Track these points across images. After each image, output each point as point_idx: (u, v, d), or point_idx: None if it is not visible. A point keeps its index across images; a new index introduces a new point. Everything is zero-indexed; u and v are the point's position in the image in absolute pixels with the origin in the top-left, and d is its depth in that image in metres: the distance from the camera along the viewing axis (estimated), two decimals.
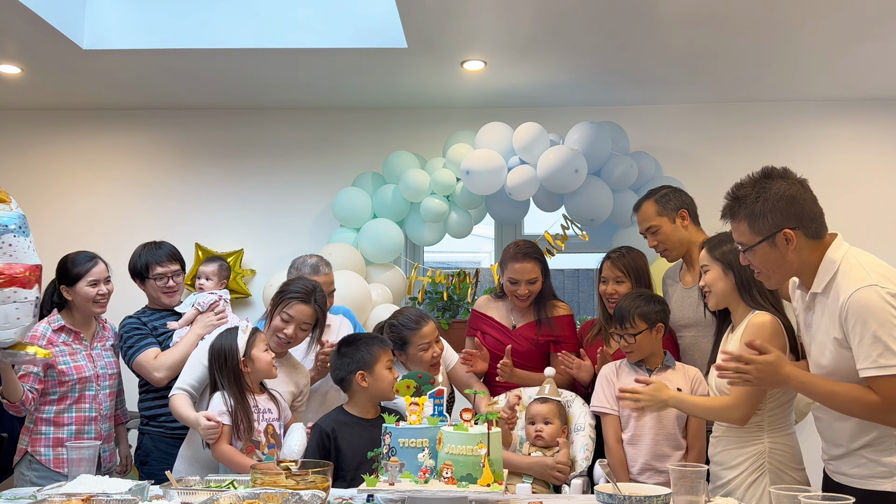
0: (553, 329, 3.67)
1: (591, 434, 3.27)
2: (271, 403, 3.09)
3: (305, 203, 5.26)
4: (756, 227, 2.40)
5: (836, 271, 2.36)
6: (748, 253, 2.45)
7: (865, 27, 3.96)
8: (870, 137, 5.10)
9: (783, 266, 2.42)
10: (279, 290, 3.25)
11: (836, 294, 2.33)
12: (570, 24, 3.94)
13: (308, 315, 3.19)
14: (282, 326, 3.17)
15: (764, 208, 2.37)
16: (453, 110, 5.20)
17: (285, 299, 3.19)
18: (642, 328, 3.14)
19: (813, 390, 2.39)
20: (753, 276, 2.71)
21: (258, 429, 2.98)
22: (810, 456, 2.80)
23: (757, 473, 2.68)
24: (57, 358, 3.33)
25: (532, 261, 3.61)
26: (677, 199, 3.51)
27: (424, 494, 2.42)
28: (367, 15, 4.20)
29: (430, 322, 3.40)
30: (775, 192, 2.37)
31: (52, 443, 3.32)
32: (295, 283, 3.25)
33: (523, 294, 3.63)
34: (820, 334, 2.41)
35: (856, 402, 2.30)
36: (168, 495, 2.46)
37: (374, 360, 3.01)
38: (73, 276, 3.41)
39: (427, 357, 3.36)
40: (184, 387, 3.10)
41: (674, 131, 5.17)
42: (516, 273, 3.61)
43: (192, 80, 4.80)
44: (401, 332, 3.38)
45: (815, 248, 2.40)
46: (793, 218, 2.36)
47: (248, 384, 3.03)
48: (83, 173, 5.35)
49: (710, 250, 2.87)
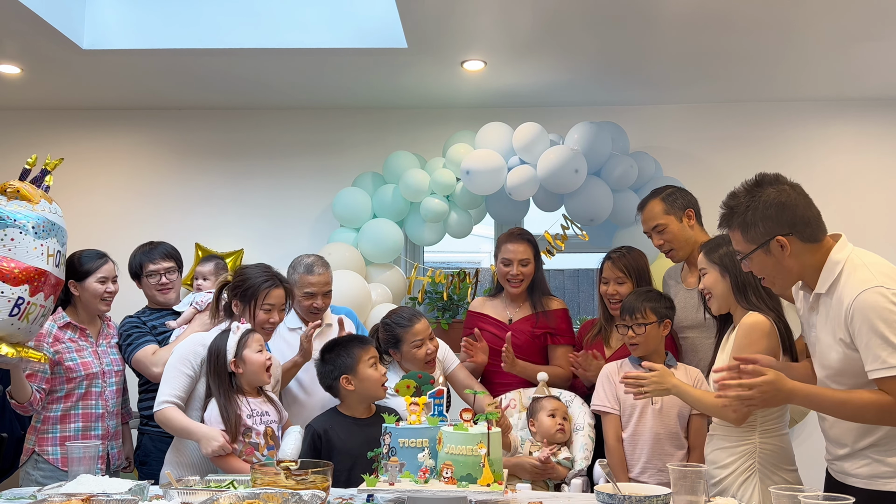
0: (549, 321, 3.69)
1: (590, 434, 3.28)
2: (269, 406, 3.07)
3: (305, 203, 5.26)
4: (749, 236, 2.40)
5: (839, 272, 2.35)
6: (746, 261, 2.45)
7: (865, 27, 3.96)
8: (870, 137, 5.10)
9: (783, 272, 2.41)
10: (243, 288, 3.19)
11: (841, 296, 2.32)
12: (570, 24, 3.94)
13: (283, 296, 3.23)
14: (267, 317, 3.18)
15: (755, 217, 2.37)
16: (453, 110, 5.20)
17: (260, 292, 3.17)
18: (652, 320, 3.16)
19: (820, 402, 2.38)
20: (750, 278, 2.72)
21: (257, 430, 2.97)
22: (810, 456, 2.80)
23: (747, 473, 2.69)
24: (64, 354, 3.34)
25: (525, 242, 3.68)
26: (684, 198, 3.51)
27: (424, 494, 2.42)
28: (367, 15, 4.20)
29: (422, 319, 3.40)
30: (765, 200, 2.37)
31: (59, 441, 3.33)
32: (255, 276, 3.21)
33: (516, 275, 3.66)
34: (825, 335, 2.41)
35: (868, 407, 2.28)
36: (168, 495, 2.46)
37: (355, 362, 3.01)
38: (82, 272, 3.42)
39: (421, 354, 3.35)
40: (171, 399, 3.00)
41: (674, 131, 5.17)
42: (509, 253, 3.67)
43: (192, 80, 4.80)
44: (394, 331, 3.38)
45: (814, 251, 2.39)
46: (785, 224, 2.36)
47: (240, 386, 3.00)
48: (83, 173, 5.35)
49: (707, 254, 2.88)
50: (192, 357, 3.06)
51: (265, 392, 3.11)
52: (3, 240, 2.69)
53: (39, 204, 2.79)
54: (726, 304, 2.85)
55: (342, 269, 4.34)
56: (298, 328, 3.56)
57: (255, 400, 3.04)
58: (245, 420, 2.94)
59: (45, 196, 2.85)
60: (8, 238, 2.70)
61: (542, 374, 3.43)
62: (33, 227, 2.74)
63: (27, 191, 2.79)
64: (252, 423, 2.96)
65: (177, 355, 3.08)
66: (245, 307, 3.18)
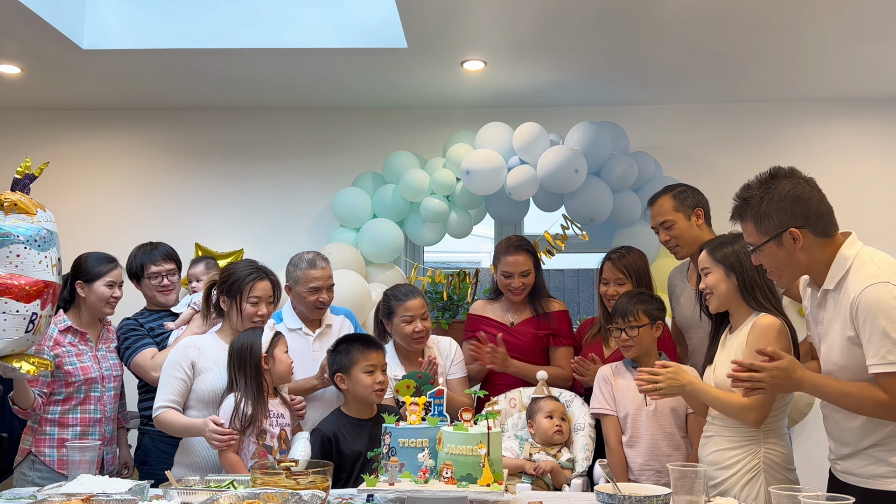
0: (551, 323, 3.71)
1: (590, 434, 3.28)
2: (284, 409, 3.08)
3: (305, 203, 5.27)
4: (762, 227, 2.41)
5: (848, 268, 2.35)
6: (757, 253, 2.45)
7: (865, 27, 3.97)
8: (870, 137, 5.10)
9: (792, 265, 2.42)
10: (228, 283, 3.19)
11: (847, 291, 2.33)
12: (570, 24, 3.94)
13: (269, 288, 3.23)
14: (255, 310, 3.18)
15: (769, 208, 2.39)
16: (453, 110, 5.20)
17: (245, 284, 3.17)
18: (645, 322, 3.17)
19: (825, 392, 2.40)
20: (757, 277, 2.71)
21: (272, 433, 2.96)
22: (810, 456, 2.80)
23: (752, 473, 2.68)
24: (63, 359, 3.33)
25: (524, 253, 3.69)
26: (694, 197, 3.52)
27: (424, 494, 2.42)
28: (367, 15, 4.20)
29: (418, 298, 3.50)
30: (780, 192, 2.38)
31: (56, 443, 3.32)
32: (239, 270, 3.23)
33: (517, 287, 3.68)
34: (831, 332, 2.41)
35: (866, 401, 2.30)
36: (168, 495, 2.46)
37: (350, 363, 3.04)
38: (92, 275, 3.42)
39: (408, 330, 3.46)
40: (166, 404, 3.04)
41: (674, 131, 5.17)
42: (509, 266, 3.68)
43: (192, 80, 4.80)
44: (389, 302, 3.54)
45: (824, 246, 2.40)
46: (799, 217, 2.37)
47: (265, 384, 3.02)
48: (83, 173, 5.35)
49: (711, 252, 2.87)
50: (183, 361, 3.09)
51: (282, 394, 3.12)
52: (10, 257, 2.65)
53: (37, 215, 2.77)
54: (727, 303, 2.84)
55: (342, 269, 4.34)
56: (299, 329, 3.56)
57: (273, 401, 3.05)
58: (262, 421, 2.94)
59: (39, 205, 2.82)
60: (14, 255, 2.66)
61: (542, 373, 3.43)
62: (36, 239, 2.72)
63: (24, 203, 2.77)
64: (268, 424, 2.96)
65: (169, 360, 3.12)
66: (232, 302, 3.19)
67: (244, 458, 2.91)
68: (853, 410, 2.36)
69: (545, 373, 3.45)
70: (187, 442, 3.07)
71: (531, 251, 3.73)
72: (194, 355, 3.10)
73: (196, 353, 3.12)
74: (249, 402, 2.93)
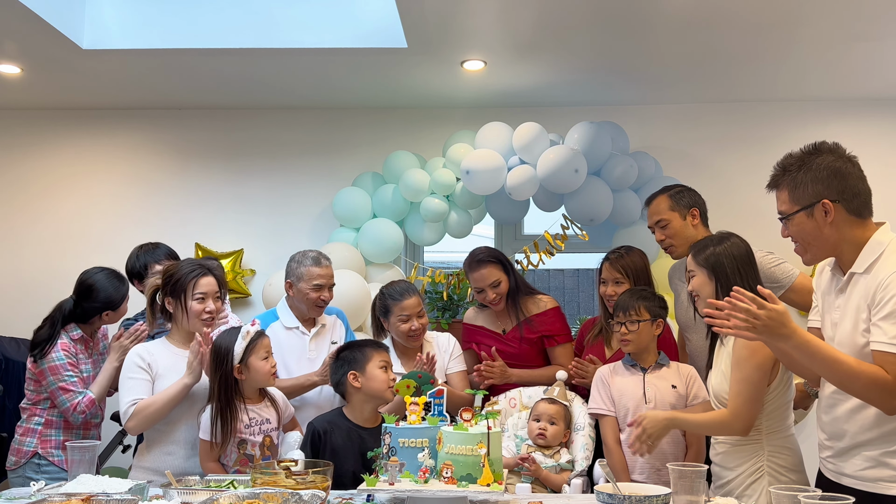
0: (540, 325, 3.69)
1: (590, 434, 3.27)
2: (270, 411, 3.02)
3: (305, 203, 5.26)
4: (795, 196, 2.38)
5: (881, 253, 2.31)
6: (786, 222, 2.41)
7: (865, 27, 3.96)
8: (870, 137, 5.09)
9: (819, 239, 2.37)
10: (171, 284, 3.07)
11: (877, 274, 2.27)
12: (571, 24, 3.94)
13: (214, 283, 3.09)
14: (202, 307, 3.04)
15: (806, 178, 2.36)
16: (453, 110, 5.20)
17: (188, 282, 3.04)
18: (645, 318, 3.18)
19: (815, 352, 2.22)
20: (738, 280, 2.68)
21: (253, 441, 2.92)
22: (811, 457, 2.78)
23: (756, 475, 2.68)
24: (80, 366, 3.47)
25: (487, 265, 3.65)
26: (690, 197, 3.54)
27: (424, 494, 2.42)
28: (367, 15, 4.20)
29: (414, 296, 3.48)
30: (820, 164, 2.36)
31: (62, 445, 3.37)
32: (181, 269, 3.10)
33: (493, 299, 3.67)
34: (847, 319, 2.34)
35: (860, 376, 2.18)
36: (168, 495, 2.46)
37: (365, 360, 3.01)
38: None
39: (404, 328, 3.45)
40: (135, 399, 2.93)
41: (674, 131, 5.17)
42: (477, 282, 3.67)
43: (192, 80, 4.80)
44: (385, 301, 3.51)
45: (855, 225, 2.36)
46: (834, 190, 2.34)
47: (241, 393, 2.95)
48: (83, 173, 5.35)
49: (695, 255, 2.86)
50: (140, 362, 2.98)
51: (268, 393, 3.07)
52: None
53: None
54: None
55: (342, 269, 4.33)
56: (296, 327, 3.56)
57: (256, 406, 2.99)
58: (242, 430, 2.90)
59: None
60: None
61: (561, 373, 3.41)
62: None
63: None
64: (249, 433, 2.91)
65: (125, 369, 3.01)
66: (177, 302, 3.06)
67: (226, 468, 2.88)
68: (840, 382, 2.26)
69: (564, 373, 3.43)
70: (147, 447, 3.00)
71: (497, 259, 3.68)
72: (149, 359, 2.99)
73: (150, 357, 3.00)
74: (226, 413, 2.86)
